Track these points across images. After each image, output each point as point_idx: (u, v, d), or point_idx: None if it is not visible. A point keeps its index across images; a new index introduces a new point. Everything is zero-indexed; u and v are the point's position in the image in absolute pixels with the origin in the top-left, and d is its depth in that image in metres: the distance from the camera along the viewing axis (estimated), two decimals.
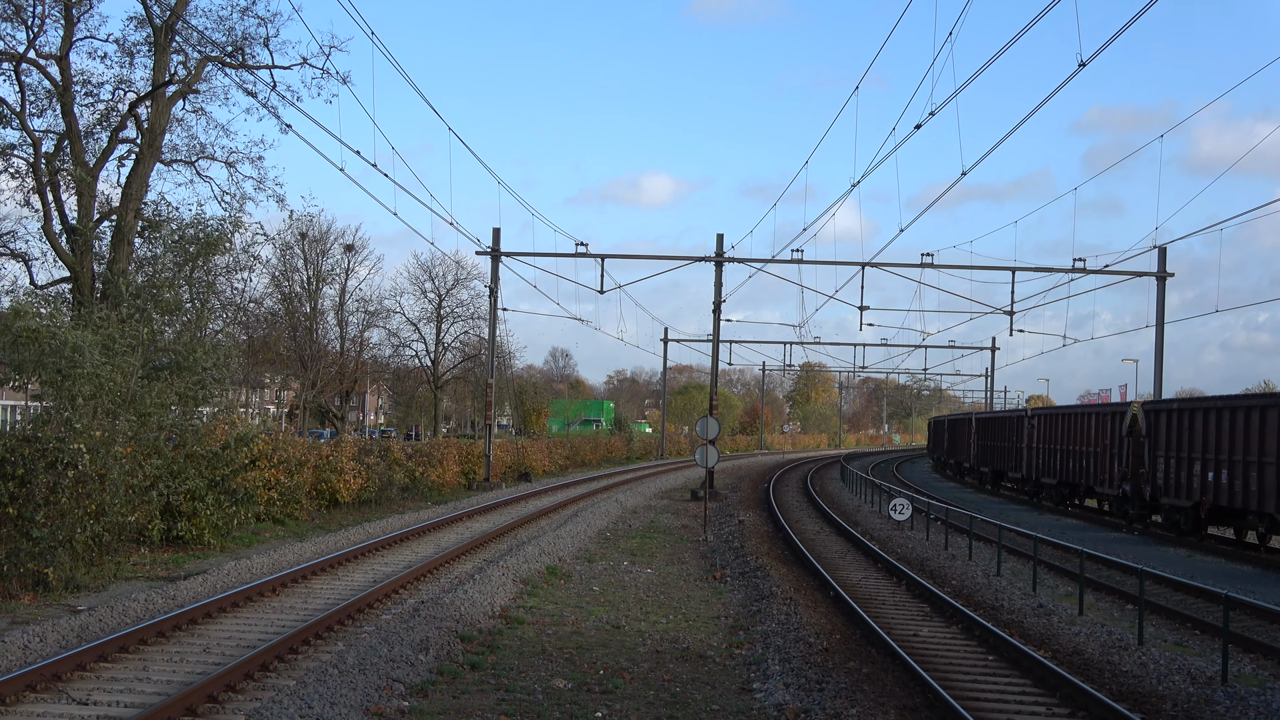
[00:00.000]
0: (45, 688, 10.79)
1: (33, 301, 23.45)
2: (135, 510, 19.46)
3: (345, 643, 13.29)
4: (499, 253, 41.07)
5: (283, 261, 52.50)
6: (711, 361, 45.62)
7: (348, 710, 10.20)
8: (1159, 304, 40.42)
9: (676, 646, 14.23)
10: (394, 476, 32.76)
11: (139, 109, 29.19)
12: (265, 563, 19.25)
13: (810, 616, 15.80)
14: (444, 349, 65.49)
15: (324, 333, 55.00)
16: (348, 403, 61.74)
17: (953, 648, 14.59)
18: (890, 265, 41.92)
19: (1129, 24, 16.19)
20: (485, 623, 14.93)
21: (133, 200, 28.25)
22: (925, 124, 22.90)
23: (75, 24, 28.51)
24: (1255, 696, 12.18)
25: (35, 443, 16.89)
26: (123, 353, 21.80)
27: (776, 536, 27.53)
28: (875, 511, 35.62)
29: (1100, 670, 13.46)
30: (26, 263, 29.81)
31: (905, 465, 76.68)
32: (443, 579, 18.48)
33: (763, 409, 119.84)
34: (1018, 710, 11.61)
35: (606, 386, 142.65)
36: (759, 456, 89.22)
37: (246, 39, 29.57)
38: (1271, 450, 23.65)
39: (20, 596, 15.77)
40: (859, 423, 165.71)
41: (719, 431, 29.70)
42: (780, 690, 11.79)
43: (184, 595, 15.85)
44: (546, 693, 11.63)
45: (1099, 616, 16.98)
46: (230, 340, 30.30)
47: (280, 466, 25.34)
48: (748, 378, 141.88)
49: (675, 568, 21.72)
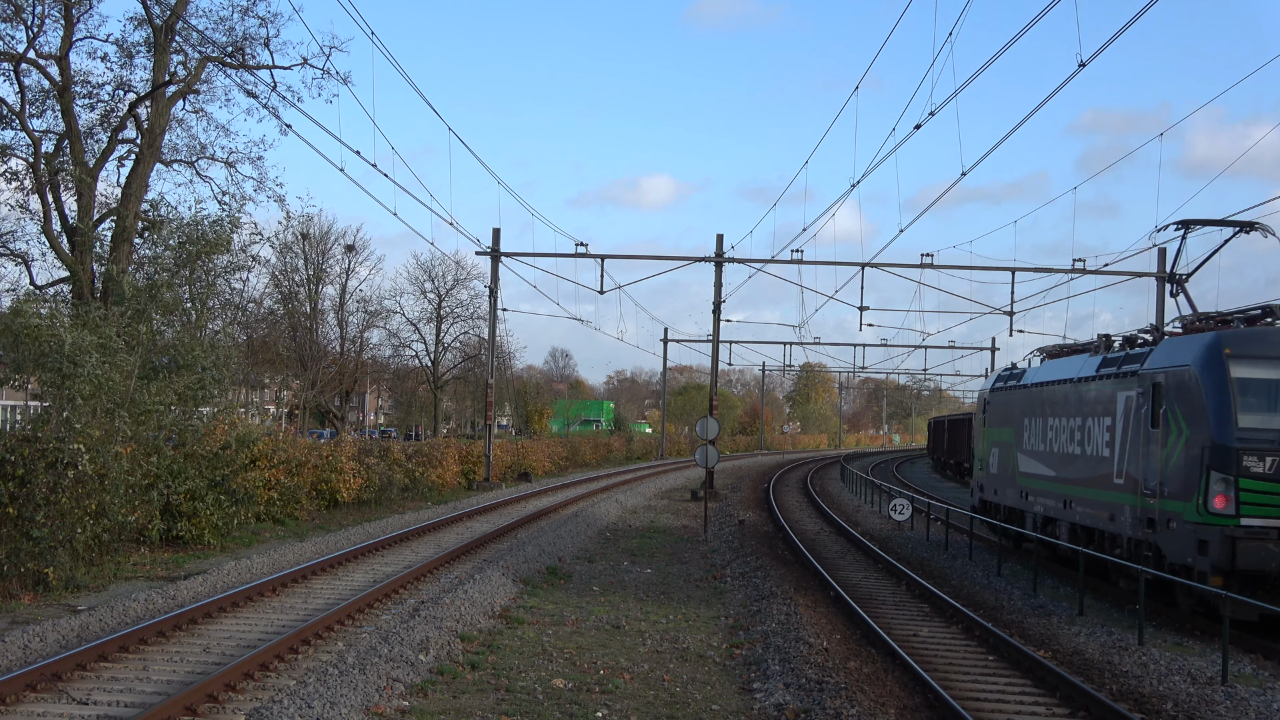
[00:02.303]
0: (45, 687, 10.79)
1: (33, 301, 23.45)
2: (135, 510, 19.46)
3: (345, 642, 13.30)
4: (499, 253, 41.06)
5: (282, 261, 52.54)
6: (711, 362, 45.62)
7: (348, 710, 10.20)
8: (1159, 304, 40.39)
9: (676, 646, 14.23)
10: (394, 476, 32.75)
11: (139, 109, 29.20)
12: (265, 563, 19.25)
13: (810, 616, 15.79)
14: (444, 349, 65.52)
15: (324, 333, 55.04)
16: (348, 403, 61.76)
17: (953, 648, 14.60)
18: (890, 265, 41.91)
19: (1130, 22, 16.17)
20: (485, 623, 14.93)
21: (133, 200, 28.27)
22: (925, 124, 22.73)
23: (75, 24, 28.54)
24: (1255, 697, 12.19)
25: (35, 443, 16.89)
26: (122, 352, 21.80)
27: (777, 536, 27.53)
28: (875, 511, 35.63)
29: (1100, 670, 13.46)
30: (26, 263, 29.86)
31: (905, 465, 76.65)
32: (443, 579, 18.48)
33: (763, 409, 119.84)
34: (1018, 710, 11.61)
35: (606, 387, 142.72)
36: (759, 457, 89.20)
37: (247, 39, 29.63)
38: None
39: (20, 596, 15.77)
40: (859, 423, 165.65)
41: (719, 432, 29.68)
42: (780, 690, 11.79)
43: (184, 595, 15.85)
44: (546, 693, 11.63)
45: (1099, 617, 16.98)
46: (230, 340, 30.31)
47: (280, 466, 25.34)
48: (748, 378, 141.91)
49: (675, 568, 21.72)
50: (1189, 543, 15.65)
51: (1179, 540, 15.94)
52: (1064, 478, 20.79)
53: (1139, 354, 18.12)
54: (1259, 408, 15.42)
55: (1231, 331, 16.37)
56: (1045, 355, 24.37)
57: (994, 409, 25.87)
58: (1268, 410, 15.42)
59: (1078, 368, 20.76)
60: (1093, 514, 19.26)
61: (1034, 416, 22.64)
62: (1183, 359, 16.39)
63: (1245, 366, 15.49)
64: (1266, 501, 15.03)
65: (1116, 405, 18.36)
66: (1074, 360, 21.61)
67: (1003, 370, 27.13)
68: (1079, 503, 19.96)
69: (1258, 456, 15.11)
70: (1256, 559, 14.82)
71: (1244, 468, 15.10)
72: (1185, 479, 15.87)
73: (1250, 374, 15.46)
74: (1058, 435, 21.21)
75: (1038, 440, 22.31)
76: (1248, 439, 15.18)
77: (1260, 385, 15.47)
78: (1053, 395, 21.67)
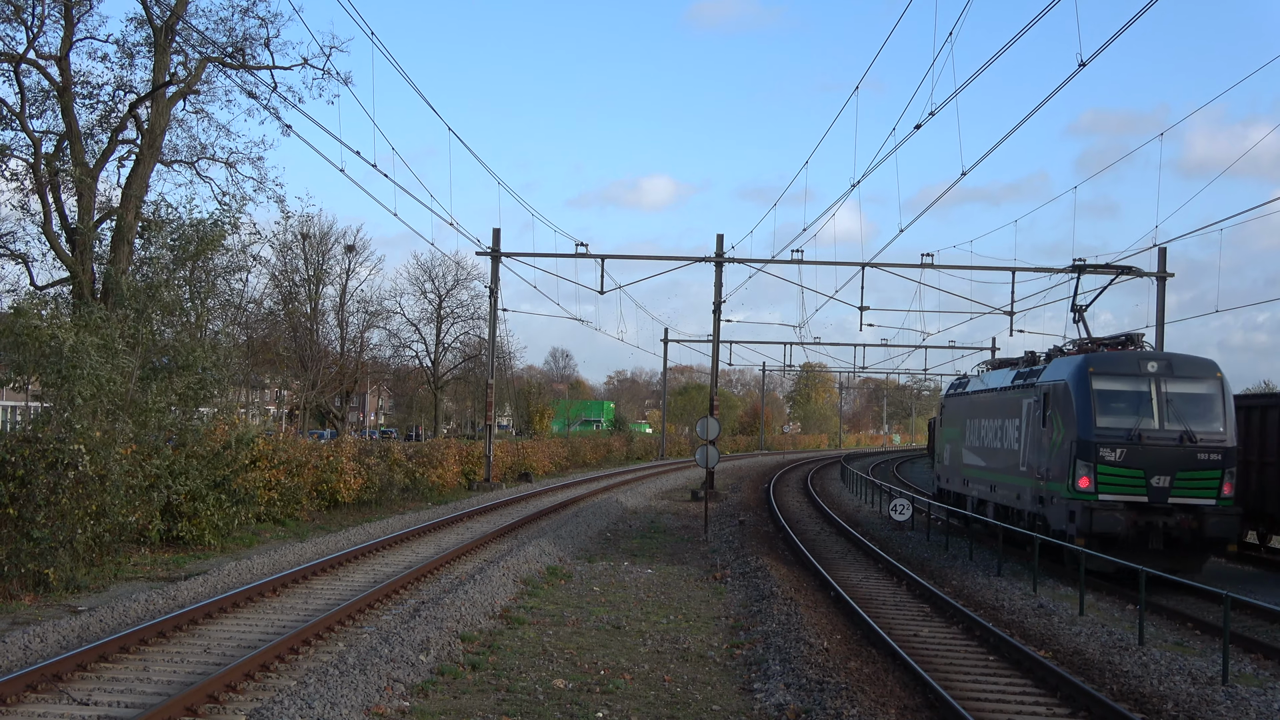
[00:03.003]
0: (46, 688, 10.79)
1: (34, 302, 23.44)
2: (135, 511, 19.46)
3: (346, 643, 13.30)
4: (499, 253, 41.06)
5: (282, 261, 52.52)
6: (712, 362, 45.62)
7: (348, 710, 10.20)
8: (1159, 304, 40.39)
9: (677, 646, 14.24)
10: (394, 477, 32.75)
11: (139, 110, 29.18)
12: (265, 563, 19.25)
13: (811, 617, 15.79)
14: (444, 349, 65.50)
15: (324, 333, 55.00)
16: (348, 403, 61.70)
17: (953, 648, 14.60)
18: (890, 265, 41.90)
19: (1131, 22, 16.21)
20: (485, 623, 14.93)
21: (133, 201, 28.25)
22: (925, 124, 23.08)
23: (75, 24, 28.51)
24: (1256, 697, 12.19)
25: (35, 443, 16.89)
26: (122, 353, 21.80)
27: (777, 537, 27.53)
28: (875, 512, 35.63)
29: (1101, 670, 13.46)
30: (26, 263, 29.83)
31: (905, 465, 76.60)
32: (443, 579, 18.48)
33: (763, 409, 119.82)
34: (1018, 710, 11.61)
35: (607, 387, 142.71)
36: (759, 457, 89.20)
37: (247, 39, 29.59)
38: (1272, 450, 23.65)
39: (21, 597, 15.77)
40: (859, 423, 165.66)
41: (719, 432, 29.73)
42: (781, 690, 11.79)
43: (184, 595, 15.85)
44: (547, 693, 11.63)
45: (1099, 617, 16.98)
46: (230, 340, 30.30)
47: (281, 467, 25.34)
48: (748, 378, 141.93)
49: (676, 568, 21.72)
50: (1063, 513, 20.30)
51: (1057, 511, 20.65)
52: (990, 467, 25.82)
53: (1038, 369, 22.99)
54: (1113, 412, 19.97)
55: (1096, 354, 21.12)
56: (988, 367, 29.09)
57: (947, 412, 31.00)
58: (1119, 414, 19.95)
59: (1001, 379, 25.82)
60: (1008, 495, 24.14)
61: (973, 418, 27.69)
62: (1062, 374, 21.07)
63: (1104, 381, 20.22)
64: (1116, 482, 19.70)
65: (1022, 409, 23.22)
66: (1002, 373, 26.52)
67: (956, 379, 32.03)
68: (1000, 486, 24.93)
69: (1110, 449, 19.72)
70: (1107, 524, 19.45)
71: (1100, 456, 19.73)
72: (1062, 465, 20.52)
73: (1108, 386, 20.21)
74: (987, 433, 26.20)
75: (975, 437, 27.37)
76: (1104, 435, 19.76)
77: (1114, 395, 20.13)
78: (985, 401, 26.68)
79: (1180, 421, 19.82)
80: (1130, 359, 20.62)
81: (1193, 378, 20.31)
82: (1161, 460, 19.58)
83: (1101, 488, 19.62)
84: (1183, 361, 20.68)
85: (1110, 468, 19.63)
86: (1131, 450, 19.65)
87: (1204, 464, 19.62)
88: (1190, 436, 19.65)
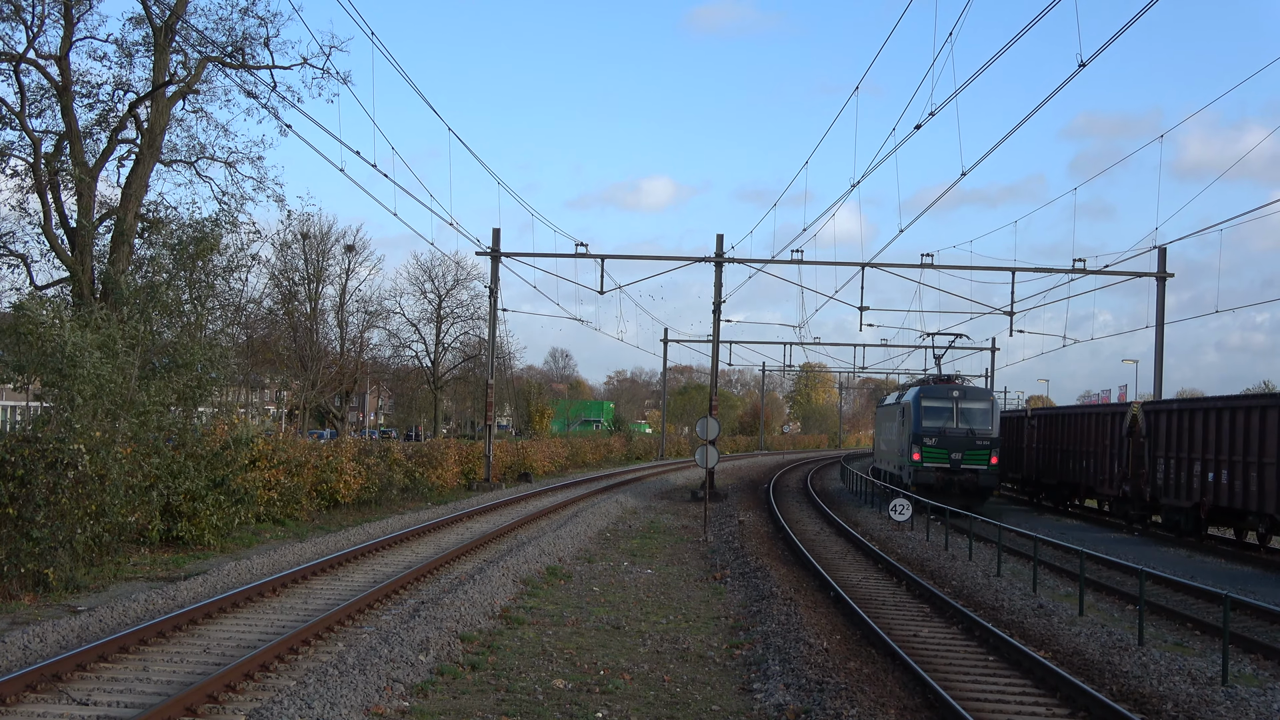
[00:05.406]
0: (45, 688, 10.79)
1: (38, 304, 23.44)
2: (135, 510, 19.45)
3: (345, 643, 13.29)
4: (499, 253, 41.06)
5: (282, 261, 52.49)
6: (711, 362, 45.62)
7: (348, 710, 10.20)
8: (1159, 304, 40.41)
9: (677, 647, 14.23)
10: (394, 477, 32.76)
11: (139, 109, 29.18)
12: (265, 563, 19.24)
13: (810, 617, 15.79)
14: (444, 349, 65.46)
15: (324, 333, 54.98)
16: (348, 403, 61.69)
17: (953, 648, 14.60)
18: (890, 265, 42.03)
19: (1131, 22, 16.27)
20: (485, 623, 14.92)
21: (132, 200, 28.25)
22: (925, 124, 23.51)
23: (75, 24, 28.51)
24: (1256, 697, 12.18)
25: (35, 443, 16.87)
26: (122, 353, 21.79)
27: (777, 537, 27.53)
28: (875, 512, 35.64)
29: (1100, 671, 13.46)
30: (26, 263, 29.80)
31: None
32: (443, 579, 18.48)
33: (763, 409, 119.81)
34: (1018, 711, 11.61)
35: (606, 387, 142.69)
36: (759, 457, 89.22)
37: (247, 39, 29.59)
38: (1271, 451, 23.66)
39: (20, 597, 15.76)
40: (859, 423, 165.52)
41: (719, 432, 29.82)
42: (780, 690, 11.79)
43: (184, 595, 15.84)
44: (547, 693, 11.63)
45: (1099, 617, 16.98)
46: (229, 339, 30.28)
47: (280, 467, 25.33)
48: (748, 378, 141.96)
49: (675, 568, 21.71)
50: (910, 474, 35.01)
51: (908, 474, 35.39)
52: (888, 451, 41.22)
53: (905, 394, 38.45)
54: (932, 418, 34.81)
55: (927, 386, 36.87)
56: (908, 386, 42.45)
57: (879, 416, 47.21)
58: (935, 418, 34.77)
59: (894, 399, 41.84)
60: (894, 466, 38.97)
61: (884, 422, 43.52)
62: (911, 396, 36.17)
63: (929, 401, 35.05)
64: (933, 456, 34.42)
65: (898, 415, 37.95)
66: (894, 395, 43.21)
67: (888, 394, 49.99)
68: (891, 462, 39.78)
69: (930, 437, 34.61)
70: (927, 479, 34.21)
71: (924, 442, 34.57)
72: (909, 448, 35.16)
73: (931, 404, 35.01)
74: (889, 432, 41.15)
75: (883, 434, 43.79)
76: (927, 430, 34.69)
77: (934, 409, 34.85)
78: (886, 412, 42.72)
79: (968, 423, 34.56)
80: (945, 389, 35.48)
81: (976, 399, 35.25)
82: (957, 444, 34.24)
83: (925, 459, 34.43)
84: (972, 390, 36.38)
85: (929, 449, 34.47)
86: (941, 438, 34.42)
87: (980, 446, 34.31)
88: (973, 432, 34.41)
